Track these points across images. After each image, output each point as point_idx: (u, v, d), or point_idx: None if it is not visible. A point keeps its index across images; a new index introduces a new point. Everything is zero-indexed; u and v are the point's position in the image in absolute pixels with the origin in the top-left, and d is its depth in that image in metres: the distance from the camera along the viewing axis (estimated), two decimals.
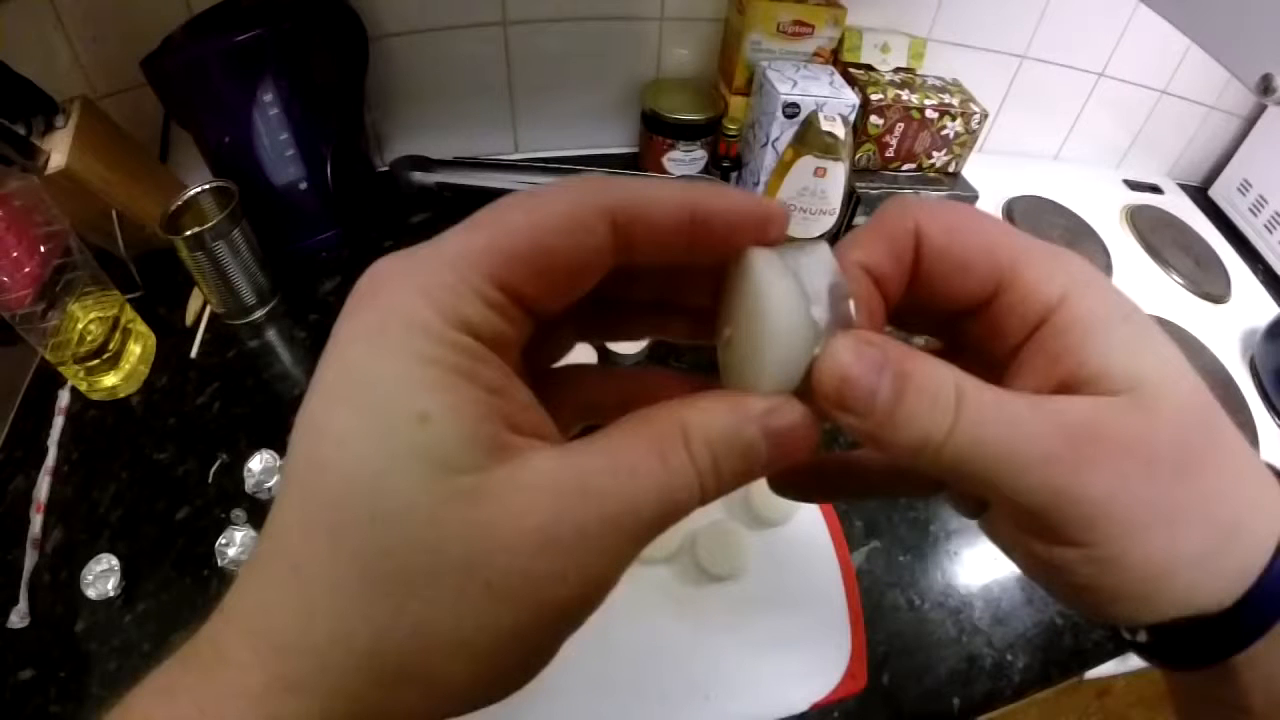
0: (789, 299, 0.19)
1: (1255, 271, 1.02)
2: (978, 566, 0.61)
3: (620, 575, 0.18)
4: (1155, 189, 1.12)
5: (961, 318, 0.22)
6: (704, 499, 0.18)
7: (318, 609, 0.16)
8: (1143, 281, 0.94)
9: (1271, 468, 0.21)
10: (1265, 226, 1.05)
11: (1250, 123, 1.11)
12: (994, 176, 0.99)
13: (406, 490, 0.16)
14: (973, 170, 0.92)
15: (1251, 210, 1.08)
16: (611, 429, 0.18)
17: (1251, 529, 0.20)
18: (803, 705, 0.51)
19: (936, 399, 0.18)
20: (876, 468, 0.26)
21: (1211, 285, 0.96)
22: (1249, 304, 0.96)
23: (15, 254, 0.56)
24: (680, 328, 0.24)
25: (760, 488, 0.51)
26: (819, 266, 0.19)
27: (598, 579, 0.17)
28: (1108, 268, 0.94)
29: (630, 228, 0.19)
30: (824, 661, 0.54)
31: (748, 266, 0.20)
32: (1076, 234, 0.98)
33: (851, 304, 0.19)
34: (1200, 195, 1.16)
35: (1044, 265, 0.20)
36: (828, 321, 0.19)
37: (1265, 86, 0.48)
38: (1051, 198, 1.03)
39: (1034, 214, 0.99)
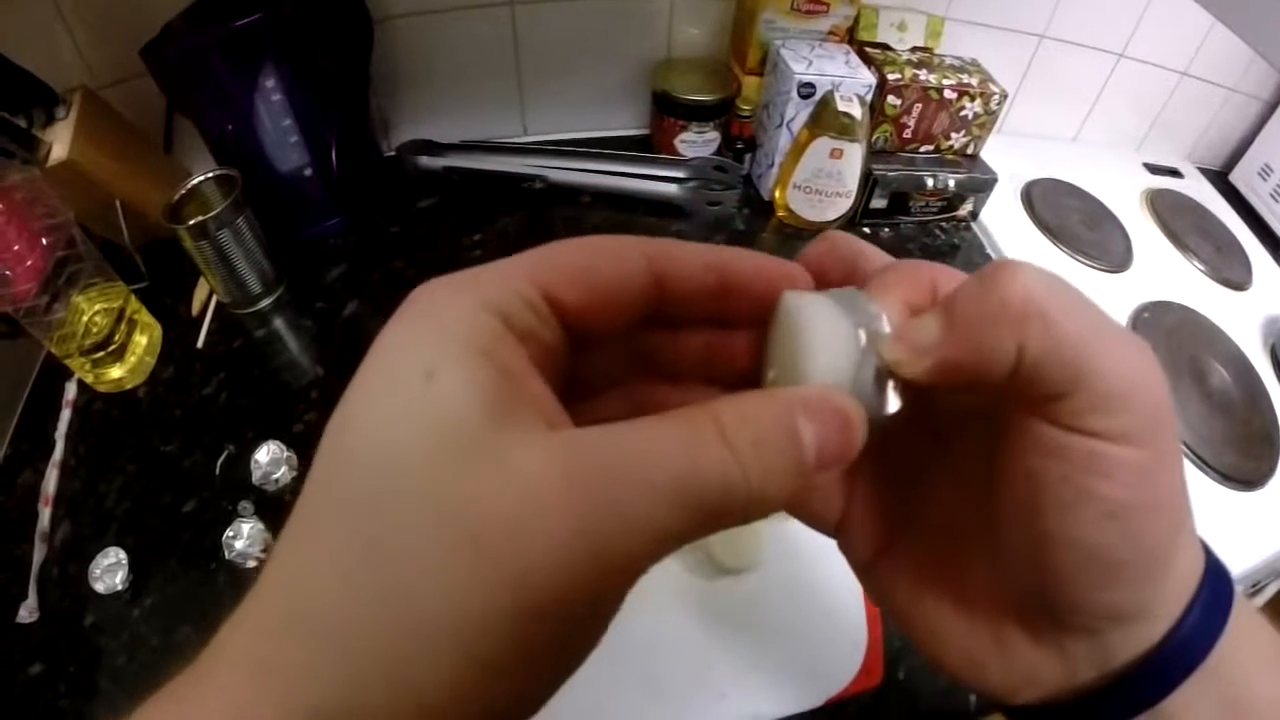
0: (830, 328, 0.19)
1: (1276, 257, 1.00)
2: None
3: (643, 562, 0.16)
4: (1175, 173, 1.10)
5: None
6: (752, 489, 0.17)
7: (315, 577, 0.16)
8: (1163, 267, 0.93)
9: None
10: None
11: (1272, 106, 1.09)
12: (1012, 159, 0.98)
13: (407, 443, 0.16)
14: (991, 152, 0.91)
15: (1273, 195, 1.06)
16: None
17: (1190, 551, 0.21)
18: (818, 700, 0.51)
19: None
20: None
21: (1232, 272, 0.94)
22: (1270, 291, 0.94)
23: (17, 247, 0.56)
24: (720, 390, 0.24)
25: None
26: (856, 300, 0.20)
27: (610, 561, 0.16)
28: (1128, 254, 0.92)
29: (664, 270, 0.20)
30: (839, 656, 0.53)
31: (788, 307, 0.20)
32: (1095, 219, 0.96)
33: (887, 325, 0.20)
34: (1220, 180, 1.14)
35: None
36: (866, 344, 0.19)
37: None
38: (1070, 180, 1.01)
39: (1052, 197, 0.97)
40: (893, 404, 0.20)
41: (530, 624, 0.15)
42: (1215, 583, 0.21)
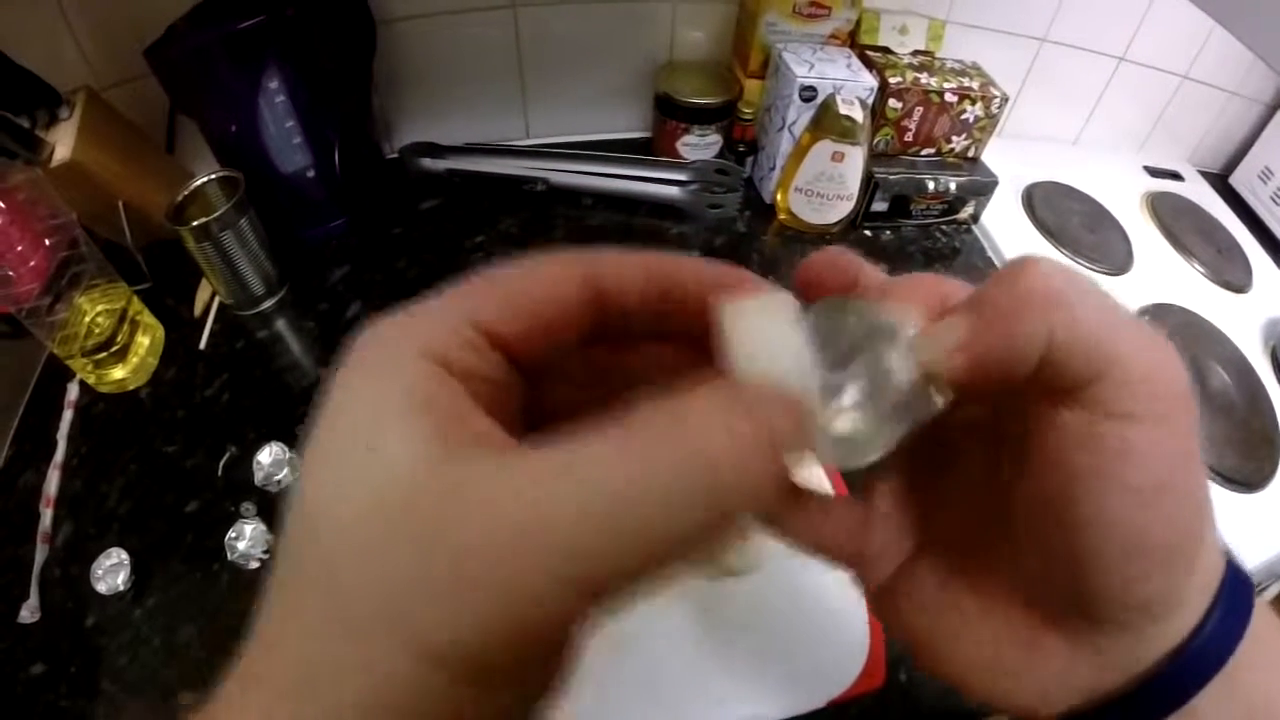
0: (763, 334, 0.19)
1: (1277, 260, 1.00)
2: None
3: (578, 611, 0.16)
4: (1176, 176, 1.10)
5: None
6: (730, 495, 0.16)
7: (272, 636, 0.16)
8: (1163, 270, 0.93)
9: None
10: None
11: (1272, 109, 1.09)
12: (1013, 161, 0.98)
13: (354, 517, 0.16)
14: (991, 155, 0.91)
15: (1273, 199, 1.06)
16: None
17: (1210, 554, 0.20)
18: (820, 702, 0.51)
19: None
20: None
21: (1233, 274, 0.94)
22: (1271, 294, 0.94)
23: (20, 248, 0.56)
24: None
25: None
26: (862, 307, 0.20)
27: (528, 612, 0.15)
28: (1128, 256, 0.92)
29: (602, 287, 0.20)
30: (842, 658, 0.53)
31: (721, 320, 0.19)
32: (1096, 221, 0.96)
33: (913, 328, 0.20)
34: (1221, 182, 1.14)
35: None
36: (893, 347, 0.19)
37: None
38: (1071, 183, 1.01)
39: (1053, 200, 0.97)
40: (938, 402, 0.20)
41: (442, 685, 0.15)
42: (1236, 581, 0.21)
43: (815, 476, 0.17)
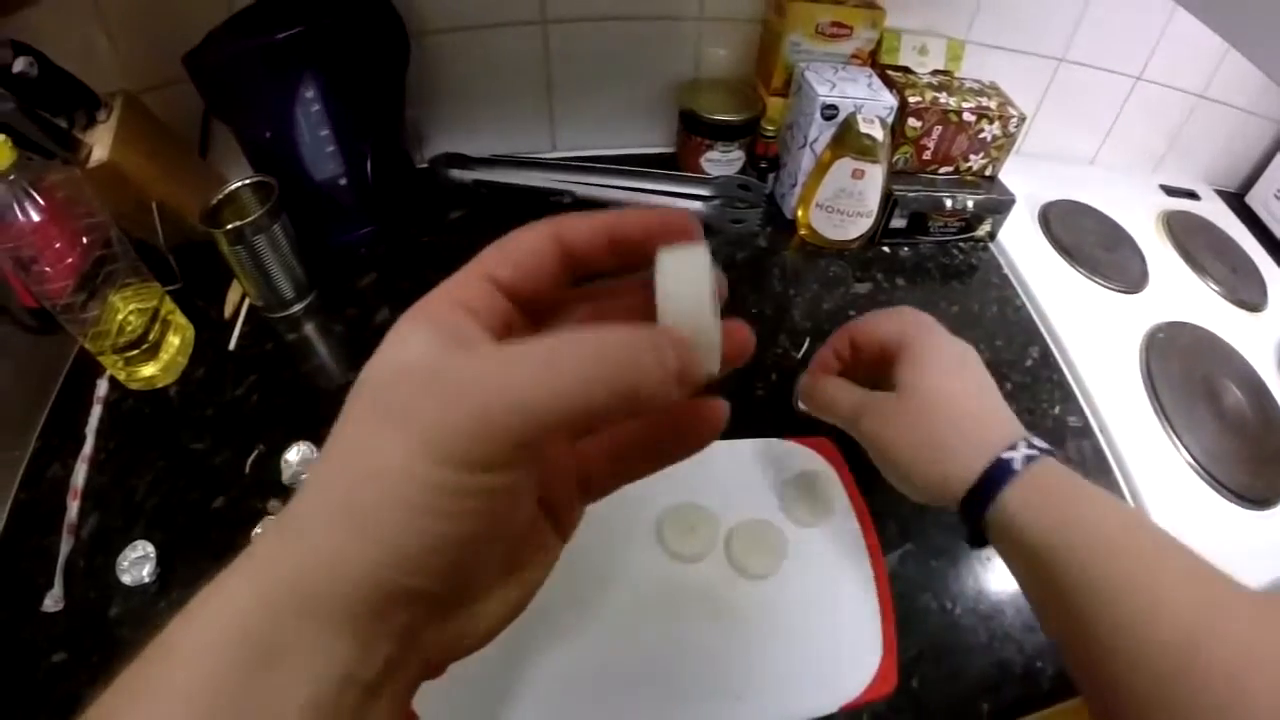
0: (682, 282, 0.26)
1: None
2: (1009, 573, 0.60)
3: (541, 428, 0.22)
4: (1192, 195, 1.11)
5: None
6: (614, 388, 0.22)
7: (317, 467, 0.23)
8: (1178, 289, 0.93)
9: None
10: None
11: None
12: (1030, 180, 0.99)
13: (384, 376, 0.23)
14: (1008, 174, 0.92)
15: None
16: None
17: (957, 463, 0.45)
18: (833, 706, 0.51)
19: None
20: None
21: (1248, 293, 0.94)
22: None
23: (58, 244, 0.57)
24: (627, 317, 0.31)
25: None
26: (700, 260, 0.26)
27: (510, 422, 0.21)
28: (1143, 275, 0.93)
29: (565, 239, 0.27)
30: (855, 663, 0.54)
31: (656, 265, 0.26)
32: (1112, 240, 0.97)
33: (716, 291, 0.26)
34: (1237, 201, 1.14)
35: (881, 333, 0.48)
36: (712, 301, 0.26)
37: None
38: (1087, 202, 1.02)
39: (1069, 219, 0.98)
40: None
41: (439, 472, 0.21)
42: (996, 471, 0.43)
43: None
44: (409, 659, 0.23)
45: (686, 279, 0.25)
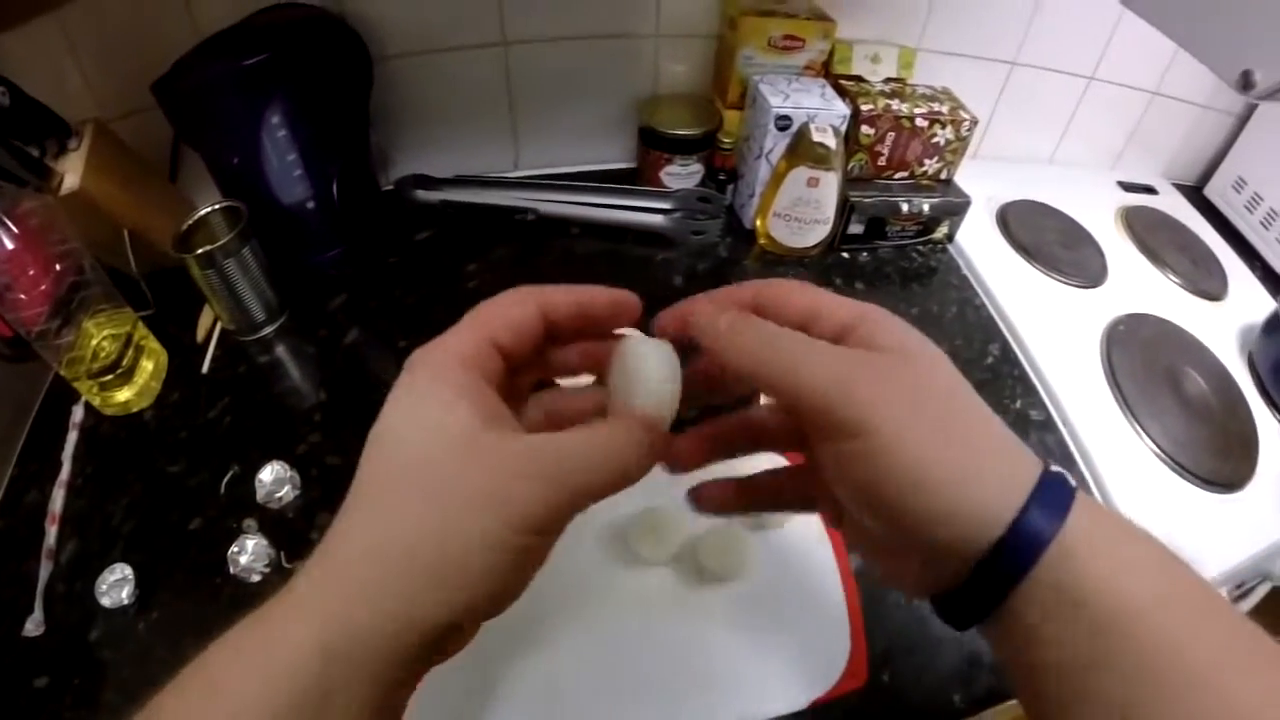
0: (653, 369, 0.32)
1: (1253, 269, 1.02)
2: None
3: (573, 502, 0.28)
4: (1150, 190, 1.13)
5: None
6: (629, 470, 0.29)
7: (377, 521, 0.26)
8: (1138, 282, 0.94)
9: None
10: (1261, 223, 1.06)
11: (1243, 121, 1.12)
12: (988, 182, 1.01)
13: (438, 447, 0.26)
14: (966, 177, 0.93)
15: (1247, 207, 1.09)
16: None
17: (1001, 471, 0.27)
18: (803, 702, 0.52)
19: (763, 328, 0.31)
20: (771, 424, 0.38)
21: (1208, 284, 0.96)
22: (1246, 301, 0.96)
23: (32, 271, 0.57)
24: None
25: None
26: (664, 350, 0.33)
27: (552, 499, 0.27)
28: (1103, 269, 0.94)
29: (547, 311, 0.32)
30: (824, 659, 0.54)
31: (627, 351, 0.33)
32: (1071, 237, 0.99)
33: (678, 381, 0.33)
34: (1195, 195, 1.16)
35: (834, 305, 0.32)
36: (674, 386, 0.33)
37: (1245, 82, 0.50)
38: (1046, 201, 1.04)
39: (1028, 218, 1.00)
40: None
41: (524, 558, 0.27)
42: (1048, 485, 0.27)
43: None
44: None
45: (647, 365, 0.32)
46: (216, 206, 0.71)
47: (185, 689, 0.24)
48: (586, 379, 0.36)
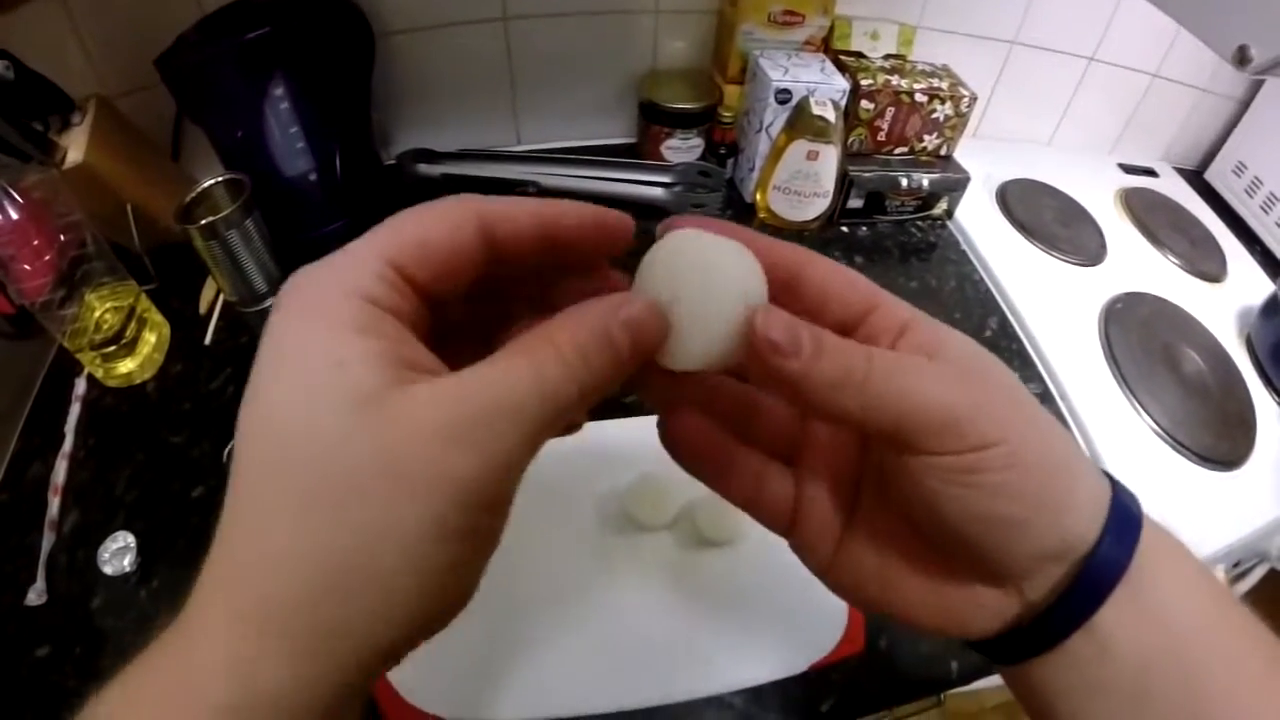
0: (733, 275, 0.24)
1: (1252, 252, 1.02)
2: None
3: (521, 460, 0.21)
4: (1150, 172, 1.13)
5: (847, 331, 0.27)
6: (584, 388, 0.22)
7: (269, 534, 0.19)
8: (1137, 262, 0.95)
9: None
10: (1261, 207, 1.06)
11: (1244, 105, 1.11)
12: (988, 161, 1.01)
13: (329, 420, 0.19)
14: (966, 155, 0.94)
15: (1247, 191, 1.09)
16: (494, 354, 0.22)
17: (1092, 486, 0.25)
18: (801, 666, 0.53)
19: (851, 350, 0.23)
20: (776, 414, 0.31)
21: (1207, 265, 0.96)
22: (1245, 283, 0.96)
23: (36, 242, 0.58)
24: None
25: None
26: (745, 257, 0.25)
27: (497, 462, 0.20)
28: (1102, 248, 0.94)
29: (495, 230, 0.23)
30: (822, 625, 0.55)
31: (687, 245, 0.25)
32: (1070, 216, 0.99)
33: (766, 289, 0.25)
34: (1196, 178, 1.16)
35: (893, 300, 0.27)
36: (756, 298, 0.24)
37: (1241, 57, 0.50)
38: (1046, 180, 1.04)
39: (1027, 197, 1.00)
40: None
41: (466, 553, 0.21)
42: (1121, 511, 0.25)
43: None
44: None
45: (725, 277, 0.24)
46: (219, 179, 0.71)
47: None
48: None
